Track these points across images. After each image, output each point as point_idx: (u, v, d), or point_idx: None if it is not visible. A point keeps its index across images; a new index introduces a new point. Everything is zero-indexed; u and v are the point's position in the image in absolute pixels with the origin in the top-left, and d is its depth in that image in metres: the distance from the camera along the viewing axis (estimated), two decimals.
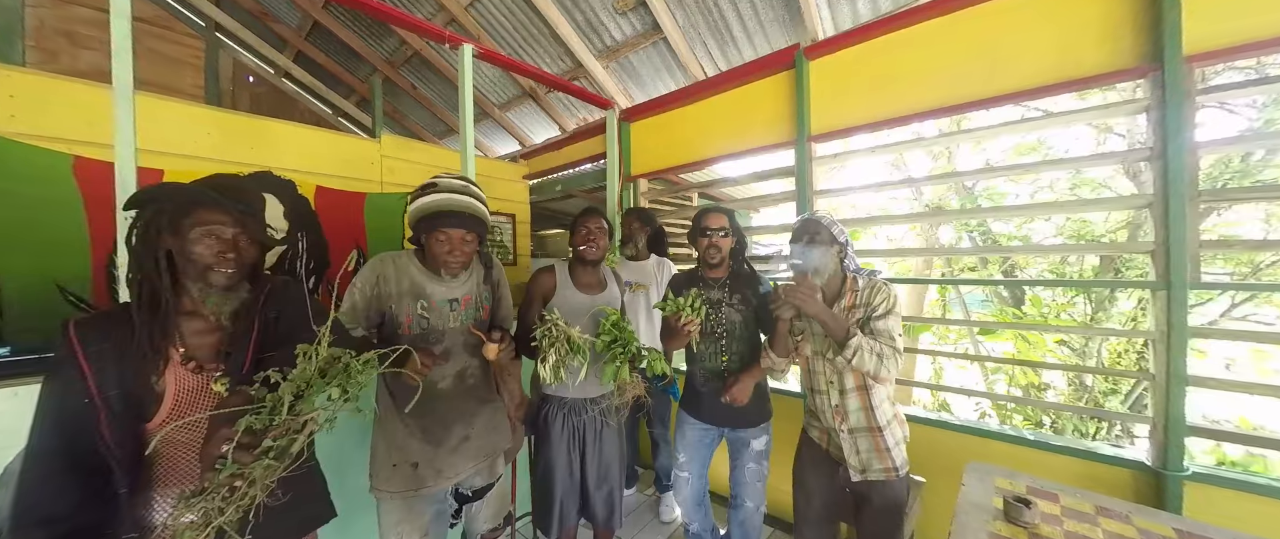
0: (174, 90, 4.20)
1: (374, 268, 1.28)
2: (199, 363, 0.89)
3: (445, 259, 1.28)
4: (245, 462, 0.70)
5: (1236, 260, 3.76)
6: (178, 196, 0.87)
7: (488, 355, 1.27)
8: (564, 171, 3.84)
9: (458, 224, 1.26)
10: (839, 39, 2.12)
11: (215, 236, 0.87)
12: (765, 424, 1.66)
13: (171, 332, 0.87)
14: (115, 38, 1.30)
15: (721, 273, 1.67)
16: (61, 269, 1.76)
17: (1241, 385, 1.48)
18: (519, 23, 3.47)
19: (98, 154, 1.80)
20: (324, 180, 2.49)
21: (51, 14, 3.52)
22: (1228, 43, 1.38)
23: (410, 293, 1.28)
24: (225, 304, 0.91)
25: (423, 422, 1.30)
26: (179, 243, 0.85)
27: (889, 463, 1.37)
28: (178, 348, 0.87)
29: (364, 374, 0.86)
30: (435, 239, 1.26)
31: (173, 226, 0.85)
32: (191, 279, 0.88)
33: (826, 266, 1.40)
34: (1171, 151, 1.43)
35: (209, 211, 0.87)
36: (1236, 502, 1.38)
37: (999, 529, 1.11)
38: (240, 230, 0.90)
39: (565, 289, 1.58)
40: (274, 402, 0.75)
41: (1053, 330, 4.37)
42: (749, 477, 1.63)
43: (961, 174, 4.50)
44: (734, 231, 1.66)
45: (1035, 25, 1.66)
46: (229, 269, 0.88)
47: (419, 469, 1.28)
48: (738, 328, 1.62)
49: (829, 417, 1.43)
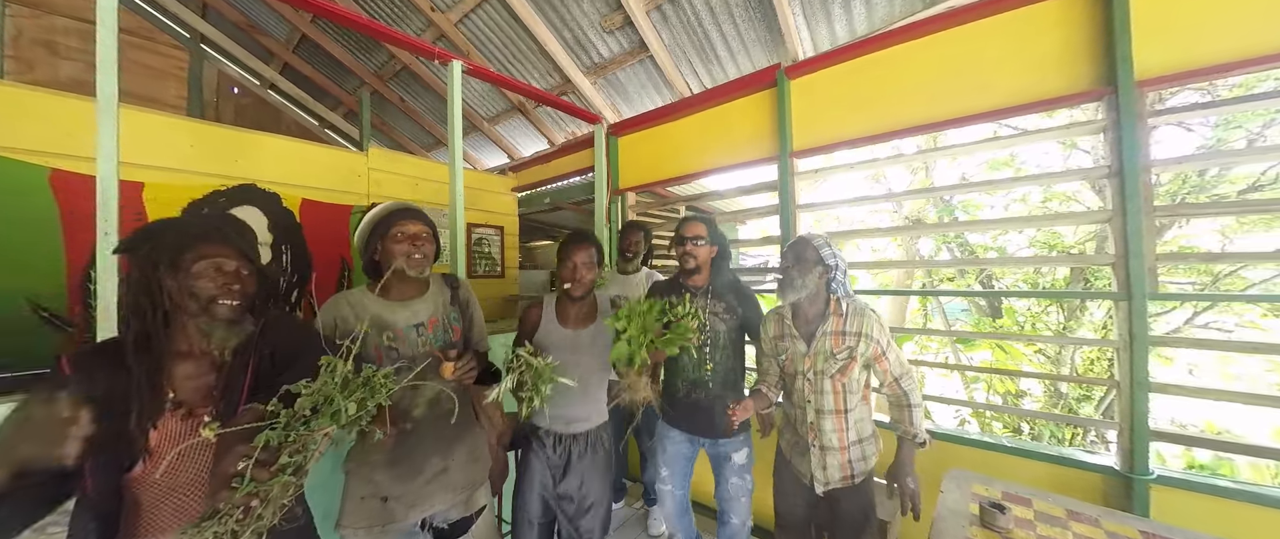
0: (156, 102, 4.15)
1: (329, 312, 1.23)
2: (189, 408, 0.85)
3: (409, 257, 1.24)
4: (263, 479, 0.68)
5: (1197, 270, 3.94)
6: (175, 232, 0.85)
7: (444, 374, 1.19)
8: (552, 184, 3.87)
9: (412, 217, 1.26)
10: (818, 59, 2.20)
11: (219, 269, 0.85)
12: (745, 435, 1.66)
13: (165, 376, 0.84)
14: (101, 50, 1.29)
15: (701, 280, 1.67)
16: (35, 284, 1.72)
17: (1202, 391, 1.55)
18: (508, 39, 3.52)
19: (75, 167, 1.77)
20: (310, 193, 2.47)
21: (30, 23, 3.47)
22: (1176, 68, 1.47)
23: (373, 327, 1.22)
24: (230, 339, 0.89)
25: (395, 453, 1.23)
26: (179, 279, 0.83)
27: (848, 472, 1.42)
28: (167, 393, 0.84)
29: (386, 388, 0.85)
30: (393, 239, 1.24)
31: (172, 263, 0.83)
32: (193, 315, 0.86)
33: (806, 284, 1.43)
34: (1127, 169, 1.51)
35: (211, 244, 0.86)
36: (1201, 504, 1.43)
37: (975, 535, 1.14)
38: (243, 262, 0.89)
39: (548, 324, 1.54)
40: (289, 416, 0.73)
41: (1025, 340, 4.50)
42: (733, 492, 1.62)
43: (938, 189, 4.64)
44: (714, 239, 1.66)
45: (1002, 50, 1.76)
46: (235, 301, 0.87)
47: (388, 503, 1.21)
48: (721, 337, 1.62)
49: (803, 429, 1.47)
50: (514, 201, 3.65)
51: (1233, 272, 3.80)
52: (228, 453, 0.70)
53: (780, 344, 1.52)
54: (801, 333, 1.47)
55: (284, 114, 5.39)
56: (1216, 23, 1.42)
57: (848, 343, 1.41)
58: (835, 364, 1.41)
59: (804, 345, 1.45)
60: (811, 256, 1.43)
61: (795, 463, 1.50)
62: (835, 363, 1.41)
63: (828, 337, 1.42)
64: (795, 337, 1.47)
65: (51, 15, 3.53)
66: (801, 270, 1.42)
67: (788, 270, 1.45)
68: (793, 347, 1.48)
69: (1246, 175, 3.78)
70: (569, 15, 3.16)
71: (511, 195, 3.63)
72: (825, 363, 1.41)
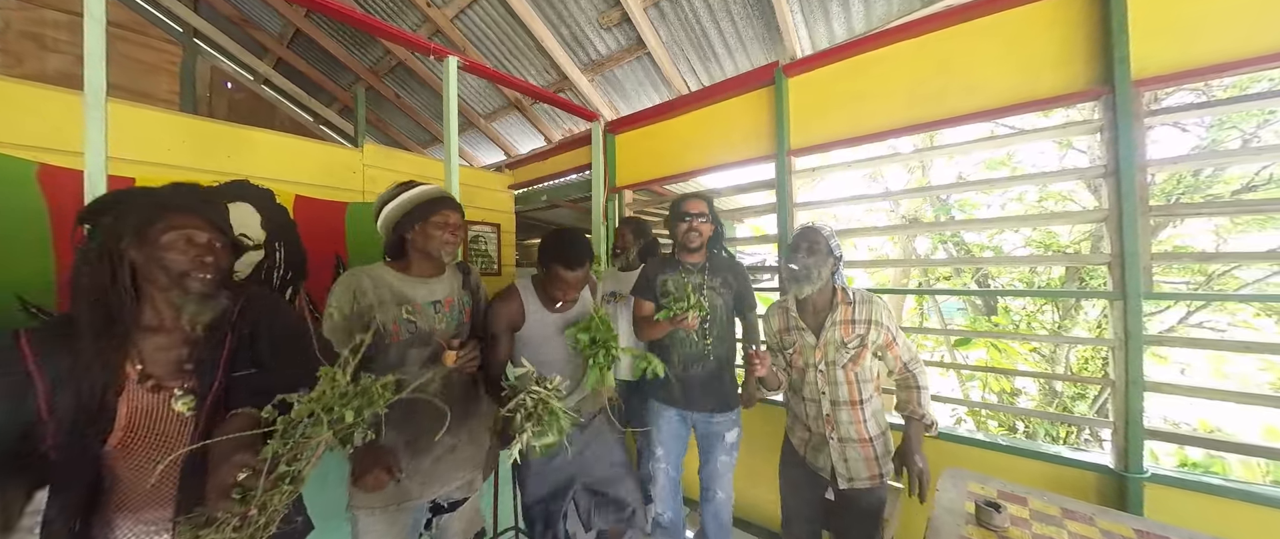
0: (148, 96, 4.09)
1: (347, 284, 1.24)
2: (158, 381, 0.82)
3: (444, 244, 1.28)
4: (264, 489, 0.67)
5: (1192, 270, 3.96)
6: (142, 201, 0.82)
7: (446, 362, 1.21)
8: (549, 182, 3.85)
9: (454, 207, 1.32)
10: (816, 58, 2.20)
11: (190, 241, 0.82)
12: (737, 412, 1.69)
13: (128, 349, 0.81)
14: (88, 43, 1.27)
15: (699, 257, 1.69)
16: (23, 279, 1.69)
17: (1195, 390, 1.55)
18: (504, 35, 3.49)
19: (65, 162, 1.75)
20: (304, 189, 2.45)
21: (18, 16, 3.42)
22: (1173, 68, 1.48)
23: (393, 301, 1.26)
24: (202, 313, 0.86)
25: (407, 430, 1.27)
26: (147, 251, 0.80)
27: (876, 471, 1.40)
28: (135, 366, 0.81)
29: (383, 399, 0.84)
30: (433, 225, 1.27)
31: (139, 235, 0.79)
32: (162, 289, 0.83)
33: (821, 275, 1.43)
34: (1123, 169, 1.51)
35: (180, 215, 0.82)
36: (1194, 502, 1.44)
37: (970, 534, 1.14)
38: (215, 233, 0.86)
39: (535, 312, 1.45)
40: (287, 424, 0.72)
41: (1020, 339, 4.52)
42: (722, 468, 1.66)
43: (935, 188, 4.66)
44: (713, 218, 1.68)
45: (998, 49, 1.76)
46: (208, 274, 0.84)
47: (403, 480, 1.24)
48: (718, 311, 1.64)
49: (818, 424, 1.45)
50: (510, 199, 3.63)
51: (1227, 271, 3.82)
52: (224, 462, 0.68)
53: (786, 337, 1.51)
54: (809, 325, 1.46)
55: (278, 110, 5.34)
56: (1213, 23, 1.42)
57: (858, 331, 1.41)
58: (847, 354, 1.40)
59: (813, 337, 1.45)
60: (824, 247, 1.44)
61: (812, 460, 1.48)
62: (847, 352, 1.40)
63: (837, 326, 1.42)
64: (802, 328, 1.47)
65: (40, 8, 3.48)
66: (817, 262, 1.42)
67: (802, 262, 1.43)
68: (800, 339, 1.48)
69: (1240, 175, 3.80)
70: (566, 11, 3.14)
71: (508, 192, 3.61)
72: (836, 353, 1.41)
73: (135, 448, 0.79)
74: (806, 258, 1.43)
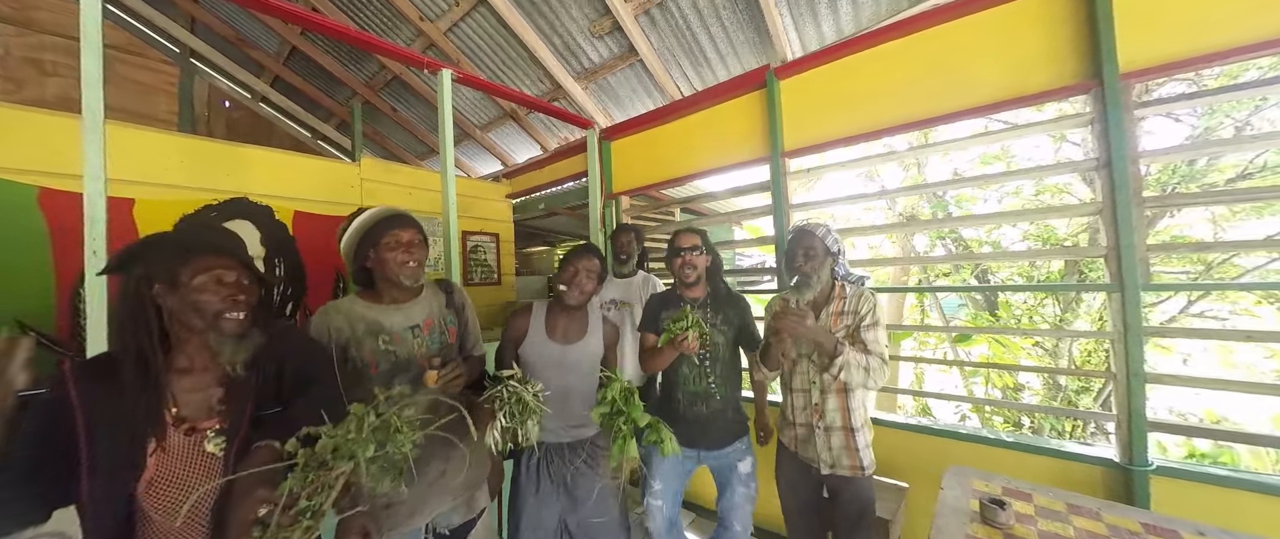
0: (146, 117, 4.13)
1: (318, 326, 1.21)
2: (192, 424, 0.82)
3: (403, 264, 1.23)
4: (284, 524, 0.66)
5: (1190, 260, 3.95)
6: (168, 247, 0.82)
7: (428, 383, 1.18)
8: (546, 190, 3.87)
9: (405, 224, 1.26)
10: (807, 60, 2.22)
11: (220, 281, 0.82)
12: (746, 441, 1.64)
13: (165, 394, 0.81)
14: (86, 68, 1.29)
15: (699, 293, 1.66)
16: (24, 303, 1.70)
17: (1197, 380, 1.55)
18: (497, 46, 3.52)
19: (66, 185, 1.76)
20: (303, 205, 2.46)
21: (18, 42, 3.46)
22: (1159, 60, 1.49)
23: (368, 333, 1.22)
24: (239, 352, 0.85)
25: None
26: (179, 295, 0.80)
27: (856, 461, 1.43)
28: (170, 409, 0.81)
29: (408, 436, 0.83)
30: (386, 247, 1.22)
31: (170, 279, 0.79)
32: (198, 332, 0.83)
33: (821, 278, 1.48)
34: (1116, 161, 1.52)
35: (208, 257, 0.82)
36: (1201, 493, 1.43)
37: (975, 531, 1.14)
38: (242, 270, 0.86)
39: (536, 336, 1.46)
40: (307, 457, 0.71)
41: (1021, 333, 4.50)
42: (739, 500, 1.59)
43: (931, 185, 4.66)
44: (708, 250, 1.64)
45: (987, 45, 1.77)
46: (242, 312, 0.84)
47: (391, 508, 1.20)
48: (720, 349, 1.60)
49: (806, 413, 1.49)
50: (508, 208, 3.65)
51: (1226, 260, 3.82)
52: (247, 497, 0.68)
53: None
54: None
55: (276, 127, 5.38)
56: (1198, 14, 1.43)
57: (845, 322, 1.46)
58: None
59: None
60: (820, 249, 1.48)
61: (802, 452, 1.52)
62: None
63: (829, 317, 1.48)
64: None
65: (39, 33, 3.52)
66: (815, 266, 1.47)
67: (800, 269, 1.49)
68: None
69: (1235, 164, 3.81)
70: (558, 21, 3.17)
71: (506, 202, 3.63)
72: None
73: (165, 489, 0.79)
74: (804, 264, 1.48)
